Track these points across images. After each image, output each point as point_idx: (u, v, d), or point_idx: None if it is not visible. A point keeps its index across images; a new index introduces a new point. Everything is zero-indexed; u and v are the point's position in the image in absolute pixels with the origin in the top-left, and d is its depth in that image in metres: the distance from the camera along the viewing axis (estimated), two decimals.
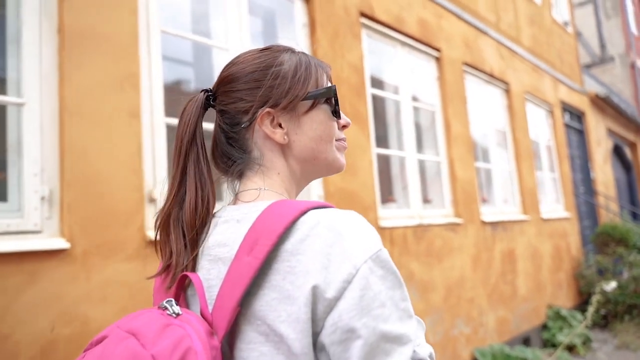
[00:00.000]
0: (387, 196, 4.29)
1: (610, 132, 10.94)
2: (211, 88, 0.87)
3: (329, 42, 3.53)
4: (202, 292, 0.71)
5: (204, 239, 0.78)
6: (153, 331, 0.63)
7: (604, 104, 9.94)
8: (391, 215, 3.99)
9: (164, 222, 0.79)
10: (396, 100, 4.39)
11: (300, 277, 0.65)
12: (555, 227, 6.90)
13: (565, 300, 6.73)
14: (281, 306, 0.65)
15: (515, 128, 6.24)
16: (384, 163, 4.39)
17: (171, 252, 0.78)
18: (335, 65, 3.55)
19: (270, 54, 0.83)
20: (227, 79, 0.83)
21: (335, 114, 0.85)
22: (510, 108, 6.27)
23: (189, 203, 0.78)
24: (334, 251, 0.65)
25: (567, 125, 8.57)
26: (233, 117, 0.83)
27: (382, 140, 4.40)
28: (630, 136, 12.65)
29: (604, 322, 6.92)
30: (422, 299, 4.04)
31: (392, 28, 4.29)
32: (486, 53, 5.81)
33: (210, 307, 0.71)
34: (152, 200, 2.34)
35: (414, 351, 0.69)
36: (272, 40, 3.49)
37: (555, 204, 7.34)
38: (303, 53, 0.87)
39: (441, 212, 4.62)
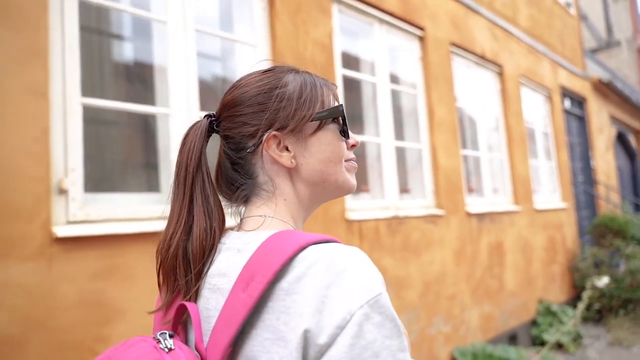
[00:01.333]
0: (361, 186, 4.00)
1: (614, 119, 10.54)
2: (214, 113, 0.85)
3: (290, 17, 3.21)
4: (198, 325, 0.69)
5: (208, 267, 0.76)
6: None
7: (607, 89, 9.53)
8: (362, 207, 3.71)
9: (173, 254, 0.76)
10: (373, 82, 4.07)
11: (294, 318, 0.62)
12: (549, 218, 6.59)
13: (558, 294, 6.44)
14: (274, 348, 0.63)
15: (508, 113, 5.90)
16: (359, 150, 4.09)
17: (175, 286, 0.76)
18: (298, 43, 3.23)
19: (274, 76, 0.81)
20: (231, 103, 0.81)
21: (344, 133, 0.83)
22: (504, 92, 5.92)
23: (197, 233, 0.75)
24: (330, 293, 0.62)
25: (567, 112, 8.20)
26: (238, 142, 0.81)
27: (356, 125, 4.09)
28: (636, 124, 12.22)
29: (598, 316, 6.64)
30: (396, 296, 3.77)
31: (368, 4, 3.96)
32: (477, 33, 5.46)
33: (206, 340, 0.70)
34: (62, 192, 2.06)
35: None
36: (224, 14, 3.17)
37: (551, 193, 7.02)
38: (307, 73, 0.84)
39: (420, 203, 4.33)
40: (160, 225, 0.80)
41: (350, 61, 3.93)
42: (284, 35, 3.15)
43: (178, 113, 2.54)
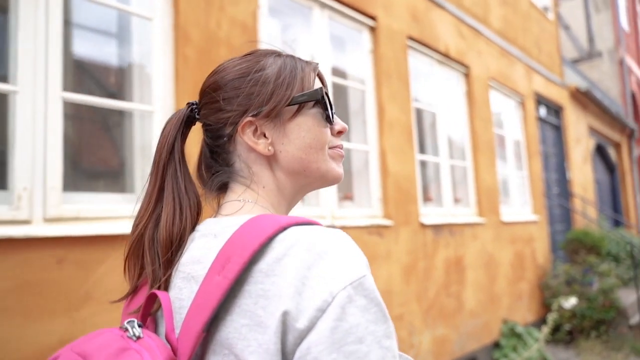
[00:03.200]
0: None
1: (593, 131, 10.20)
2: (196, 101, 0.81)
3: None
4: (169, 313, 0.64)
5: (180, 256, 0.72)
6: (105, 356, 0.58)
7: (585, 99, 9.18)
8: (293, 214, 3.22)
9: (137, 242, 0.74)
10: None
11: (272, 302, 0.58)
12: (518, 232, 6.15)
13: (526, 314, 5.99)
14: (251, 334, 0.59)
15: (474, 118, 5.46)
16: None
17: (141, 274, 0.74)
18: (209, 20, 2.76)
19: (253, 59, 0.78)
20: (208, 89, 0.79)
21: (328, 118, 0.78)
22: (470, 95, 5.49)
23: (165, 222, 0.73)
24: (311, 275, 0.58)
25: (543, 120, 7.82)
26: (215, 129, 0.78)
27: None
28: (615, 136, 11.90)
29: (568, 338, 6.20)
30: None
31: None
32: (441, 29, 5.03)
33: (178, 330, 0.65)
34: None
35: None
36: None
37: (521, 205, 6.60)
38: (290, 55, 0.80)
39: (365, 212, 3.85)
40: None
41: (283, 48, 3.46)
42: (190, 9, 2.67)
43: (30, 93, 2.04)
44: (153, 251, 0.72)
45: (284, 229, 0.63)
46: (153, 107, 2.56)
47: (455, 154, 5.37)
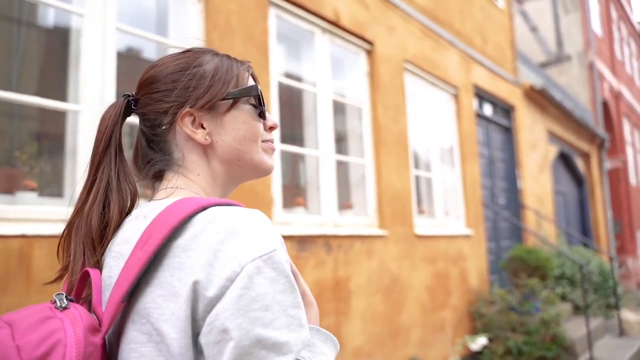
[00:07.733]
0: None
1: (554, 137, 9.19)
2: (133, 93, 0.84)
3: None
4: (97, 288, 0.69)
5: (112, 239, 0.75)
6: (28, 323, 0.62)
7: (542, 99, 8.19)
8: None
9: (68, 231, 0.77)
10: (93, 32, 2.51)
11: (186, 273, 0.62)
12: (441, 248, 5.07)
13: (447, 349, 4.88)
14: (166, 304, 0.62)
15: (377, 105, 4.41)
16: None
17: (69, 262, 0.76)
18: None
19: (192, 55, 0.81)
20: (147, 81, 0.81)
21: (261, 115, 0.83)
22: (373, 77, 4.44)
23: (86, 216, 0.76)
24: (224, 248, 0.62)
25: (487, 119, 6.82)
26: (153, 119, 0.80)
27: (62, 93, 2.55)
28: (584, 145, 10.92)
29: None
30: None
31: None
32: None
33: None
34: None
35: None
36: None
37: (448, 216, 5.52)
38: (226, 55, 0.84)
39: None
40: None
41: None
42: None
43: None
44: (77, 241, 0.75)
45: (204, 208, 0.66)
46: None
47: (352, 150, 4.31)
